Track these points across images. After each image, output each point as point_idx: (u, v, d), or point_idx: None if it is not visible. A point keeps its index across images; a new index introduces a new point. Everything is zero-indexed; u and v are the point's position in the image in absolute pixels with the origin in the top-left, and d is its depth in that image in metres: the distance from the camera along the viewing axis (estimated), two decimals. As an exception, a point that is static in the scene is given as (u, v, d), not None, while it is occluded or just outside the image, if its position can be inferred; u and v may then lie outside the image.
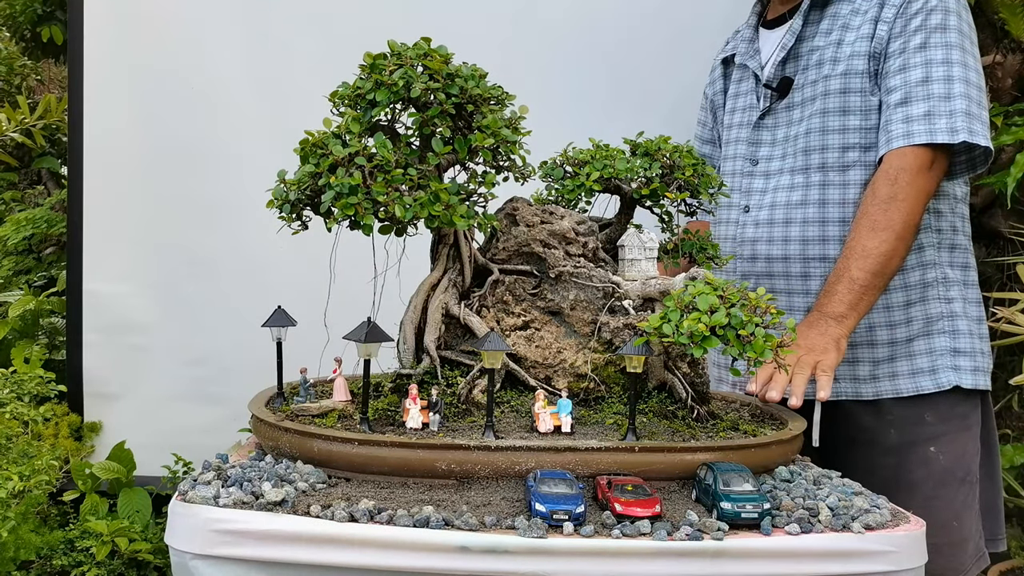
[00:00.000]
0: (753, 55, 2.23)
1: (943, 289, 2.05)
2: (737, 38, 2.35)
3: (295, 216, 1.58)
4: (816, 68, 2.07)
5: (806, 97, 2.09)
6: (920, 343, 2.04)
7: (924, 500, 1.95)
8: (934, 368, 2.03)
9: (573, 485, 1.34)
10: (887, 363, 2.04)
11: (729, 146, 2.28)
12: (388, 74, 1.54)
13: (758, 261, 2.15)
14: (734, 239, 2.21)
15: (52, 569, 2.60)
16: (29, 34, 4.02)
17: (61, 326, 3.21)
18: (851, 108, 2.02)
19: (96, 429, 2.96)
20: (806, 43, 2.11)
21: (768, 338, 1.44)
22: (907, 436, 2.02)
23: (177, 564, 1.36)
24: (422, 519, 1.30)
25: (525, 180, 1.72)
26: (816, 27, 2.11)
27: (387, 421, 1.56)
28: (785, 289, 2.10)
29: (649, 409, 1.63)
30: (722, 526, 1.30)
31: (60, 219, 3.41)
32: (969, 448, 2.05)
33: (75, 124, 2.94)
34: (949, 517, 1.99)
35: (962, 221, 2.13)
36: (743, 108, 2.26)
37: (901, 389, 2.03)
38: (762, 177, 2.17)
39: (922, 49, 1.94)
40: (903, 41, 1.96)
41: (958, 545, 2.00)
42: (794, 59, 2.13)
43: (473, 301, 1.72)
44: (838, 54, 2.04)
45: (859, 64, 2.01)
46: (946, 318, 2.04)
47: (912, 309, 2.04)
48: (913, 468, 2.01)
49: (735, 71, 2.32)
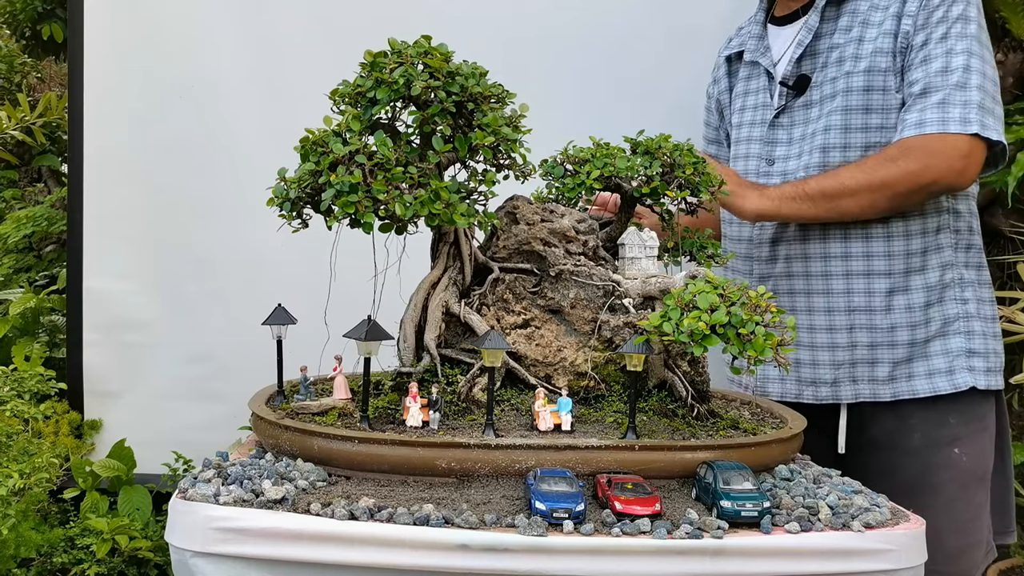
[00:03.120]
0: (764, 52, 2.20)
1: (959, 290, 2.05)
2: (742, 35, 2.31)
3: (295, 214, 1.58)
4: (836, 65, 2.04)
5: (825, 95, 2.06)
6: (936, 344, 2.03)
7: (947, 502, 1.95)
8: (951, 369, 2.02)
9: (573, 483, 1.34)
10: (905, 364, 2.03)
11: (740, 145, 2.24)
12: (388, 72, 1.54)
13: (777, 261, 2.13)
14: (751, 240, 2.19)
15: (52, 567, 2.60)
16: (29, 32, 4.01)
17: (61, 324, 3.21)
18: (874, 106, 2.00)
19: (96, 427, 2.96)
20: (824, 40, 2.08)
21: (768, 336, 1.44)
22: (931, 439, 2.01)
23: (177, 562, 1.36)
24: (422, 517, 1.30)
25: (525, 178, 1.72)
26: (834, 24, 2.07)
27: (387, 419, 1.56)
28: (805, 289, 2.09)
29: (649, 407, 1.63)
30: (722, 524, 1.30)
31: (60, 217, 3.41)
32: (987, 448, 2.06)
33: (75, 122, 2.93)
34: (970, 518, 2.00)
35: (976, 220, 2.13)
36: (754, 106, 2.22)
37: (918, 390, 2.02)
38: (779, 176, 2.13)
39: (943, 40, 1.93)
40: (927, 33, 1.95)
41: (976, 545, 2.01)
42: (811, 56, 2.10)
43: (473, 299, 1.72)
44: (860, 51, 2.01)
45: (883, 61, 1.98)
46: (961, 319, 2.04)
47: (931, 310, 2.03)
48: (937, 470, 2.00)
49: (742, 68, 2.28)
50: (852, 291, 2.03)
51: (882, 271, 2.01)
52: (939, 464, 2.00)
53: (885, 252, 2.01)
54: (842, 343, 2.04)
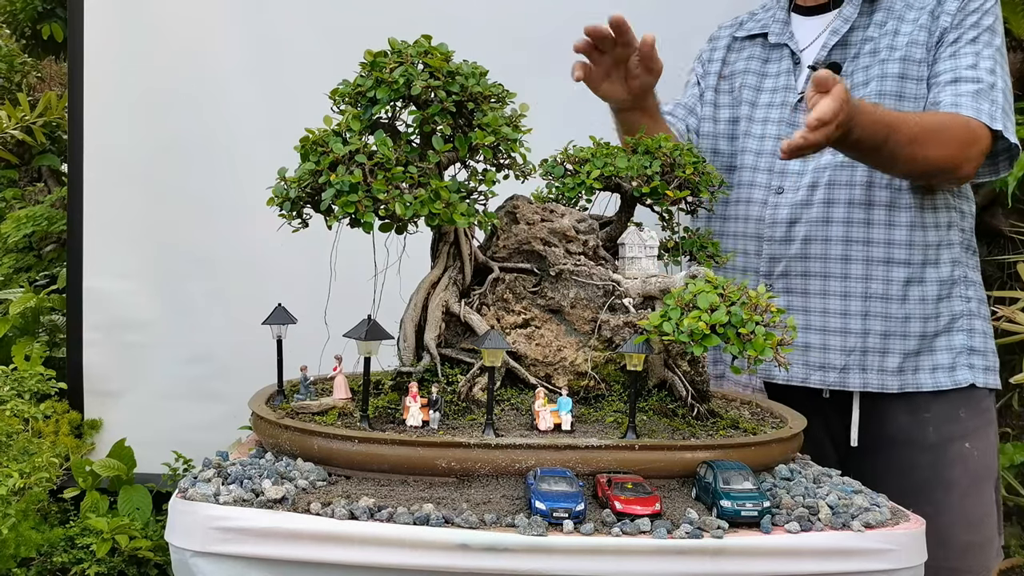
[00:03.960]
0: (791, 37, 2.20)
1: (964, 287, 2.07)
2: (760, 18, 2.30)
3: (295, 214, 1.57)
4: (870, 56, 2.07)
5: (856, 83, 2.07)
6: (942, 339, 2.04)
7: (960, 498, 1.96)
8: (953, 365, 2.03)
9: (573, 483, 1.34)
10: (913, 356, 2.04)
11: (756, 125, 2.21)
12: (388, 72, 1.54)
13: (793, 243, 2.09)
14: (759, 219, 2.15)
15: (52, 566, 2.60)
16: (29, 31, 4.02)
17: (61, 323, 3.21)
18: (906, 94, 2.02)
19: (96, 426, 2.96)
20: (858, 32, 2.10)
21: (768, 336, 1.44)
22: (944, 433, 2.02)
23: (177, 561, 1.36)
24: (422, 517, 1.30)
25: (526, 178, 1.72)
26: (869, 18, 2.10)
27: (387, 419, 1.56)
28: (822, 272, 2.06)
29: (649, 407, 1.63)
30: (722, 524, 1.30)
31: (60, 216, 3.41)
32: (993, 444, 2.07)
33: (75, 121, 2.94)
34: (982, 514, 2.00)
35: (975, 223, 2.16)
36: (773, 89, 2.20)
37: (922, 383, 2.03)
38: (799, 160, 2.09)
39: (974, 43, 1.98)
40: (959, 32, 1.99)
41: (988, 543, 2.01)
42: (842, 47, 2.11)
43: (473, 299, 1.72)
44: (895, 42, 2.04)
45: (917, 52, 2.02)
46: (965, 316, 2.05)
47: (941, 304, 2.04)
48: (950, 465, 2.00)
49: (757, 50, 2.27)
50: (871, 277, 2.03)
51: (902, 260, 2.02)
52: (952, 459, 2.00)
53: (906, 241, 2.02)
54: (855, 329, 2.03)
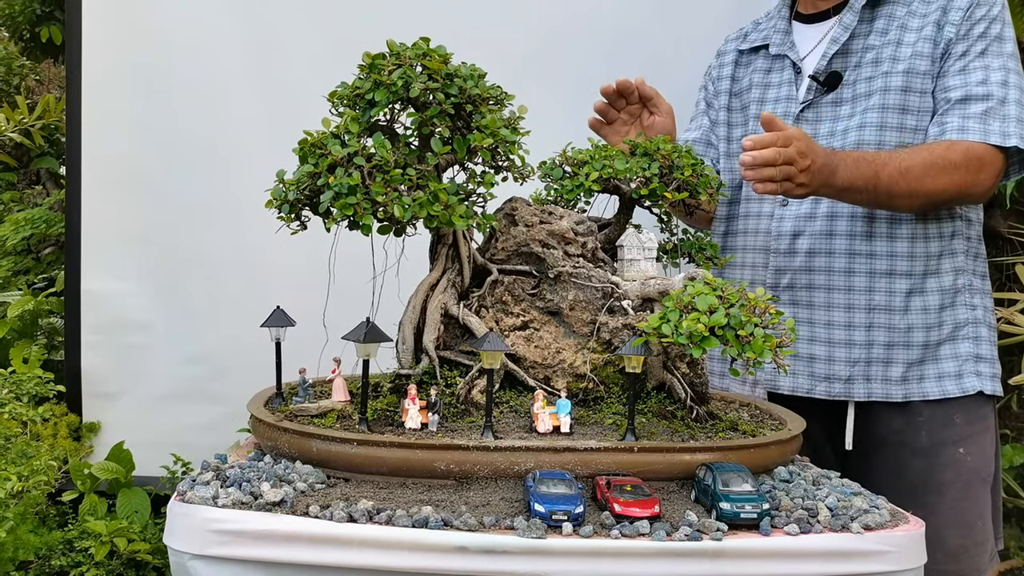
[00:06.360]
0: (791, 47, 2.21)
1: (969, 296, 2.07)
2: (762, 29, 2.30)
3: (294, 216, 1.58)
4: (872, 65, 2.06)
5: (859, 93, 2.07)
6: (947, 347, 2.05)
7: (953, 501, 1.96)
8: (959, 373, 2.04)
9: (572, 485, 1.34)
10: (917, 366, 2.04)
11: None
12: (387, 74, 1.54)
13: (797, 255, 2.11)
14: (767, 232, 2.17)
15: (51, 569, 2.60)
16: (28, 34, 4.02)
17: (60, 326, 3.21)
18: (910, 107, 2.02)
19: (95, 429, 2.96)
20: (858, 40, 2.10)
21: (767, 338, 1.43)
22: (937, 438, 2.02)
23: (176, 564, 1.36)
24: (421, 519, 1.30)
25: (524, 180, 1.72)
26: (869, 25, 2.10)
27: (386, 421, 1.56)
28: (826, 285, 2.07)
29: (648, 409, 1.63)
30: (721, 526, 1.30)
31: (59, 219, 3.41)
32: (989, 450, 2.08)
33: (73, 124, 2.93)
34: (975, 518, 2.01)
35: (982, 230, 2.16)
36: (775, 99, 2.21)
37: (928, 392, 2.04)
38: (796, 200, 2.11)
39: (983, 55, 1.98)
40: (967, 45, 1.99)
41: (981, 545, 2.01)
42: (843, 55, 2.11)
43: (472, 301, 1.72)
44: (898, 53, 2.03)
45: (922, 65, 2.01)
46: (970, 324, 2.06)
47: (944, 313, 2.05)
48: (943, 469, 2.01)
49: (761, 61, 2.27)
50: (874, 289, 2.04)
51: (904, 271, 2.03)
52: (944, 463, 2.01)
53: (908, 253, 2.03)
54: (859, 341, 2.04)
